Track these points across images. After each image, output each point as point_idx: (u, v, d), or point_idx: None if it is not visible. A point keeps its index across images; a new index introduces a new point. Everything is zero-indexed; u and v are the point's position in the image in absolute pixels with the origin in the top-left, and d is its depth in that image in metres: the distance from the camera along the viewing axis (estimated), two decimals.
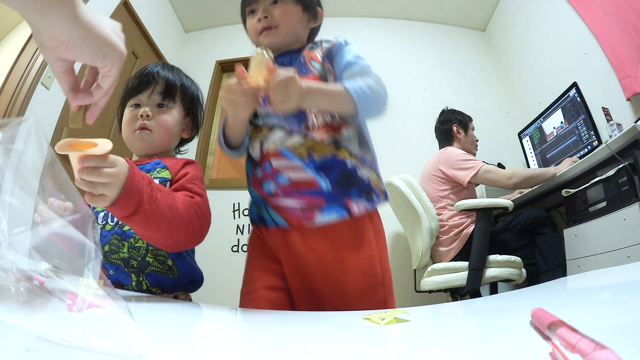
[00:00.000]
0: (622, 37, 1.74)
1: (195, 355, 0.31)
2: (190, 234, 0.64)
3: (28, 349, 0.23)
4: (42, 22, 0.33)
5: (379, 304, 0.74)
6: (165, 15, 2.89)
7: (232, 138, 0.80)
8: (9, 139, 0.32)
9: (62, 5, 0.33)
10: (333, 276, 0.74)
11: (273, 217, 0.77)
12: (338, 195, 0.74)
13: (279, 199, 0.76)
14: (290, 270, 0.77)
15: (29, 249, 0.31)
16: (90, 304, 0.29)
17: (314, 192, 0.74)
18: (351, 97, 0.71)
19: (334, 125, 0.78)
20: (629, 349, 0.22)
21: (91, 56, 0.39)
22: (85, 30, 0.36)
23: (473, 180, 1.74)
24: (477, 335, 0.40)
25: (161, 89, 0.82)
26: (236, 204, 2.50)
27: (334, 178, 0.75)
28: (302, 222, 0.74)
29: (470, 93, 2.78)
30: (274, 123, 0.79)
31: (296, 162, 0.75)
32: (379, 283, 0.76)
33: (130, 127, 0.80)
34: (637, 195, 1.18)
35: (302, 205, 0.74)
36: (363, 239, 0.76)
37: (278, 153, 0.76)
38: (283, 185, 0.75)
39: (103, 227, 0.72)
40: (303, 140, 0.76)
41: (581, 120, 1.88)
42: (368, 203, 0.77)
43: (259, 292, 0.77)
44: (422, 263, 1.74)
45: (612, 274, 0.63)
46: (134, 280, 0.71)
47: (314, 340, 0.41)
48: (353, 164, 0.77)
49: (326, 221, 0.74)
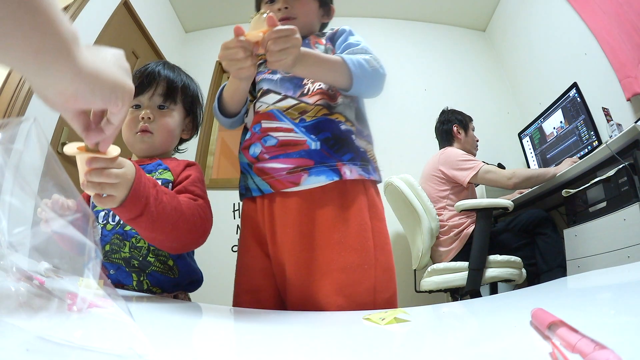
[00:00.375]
0: (622, 37, 1.74)
1: (195, 355, 0.31)
2: (194, 235, 0.66)
3: (28, 349, 0.23)
4: (44, 81, 0.31)
5: (369, 292, 0.66)
6: (165, 15, 2.89)
7: (228, 104, 0.79)
8: (9, 139, 0.32)
9: (62, 59, 0.29)
10: (315, 248, 0.68)
11: (257, 184, 0.74)
12: (329, 157, 0.71)
13: (264, 163, 0.73)
14: (272, 243, 0.73)
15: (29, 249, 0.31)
16: (90, 304, 0.29)
17: (302, 153, 0.71)
18: (347, 67, 0.69)
19: (329, 93, 0.76)
20: (629, 349, 0.22)
21: (102, 102, 0.36)
22: (91, 80, 0.33)
23: (473, 181, 1.74)
24: (477, 335, 0.40)
25: (162, 90, 0.82)
26: (236, 204, 2.50)
27: (325, 138, 0.71)
28: (287, 185, 0.70)
29: (470, 93, 2.77)
30: (269, 88, 0.78)
31: (286, 122, 0.73)
32: (370, 263, 0.67)
33: (131, 129, 0.80)
34: (637, 196, 1.18)
35: (289, 167, 0.70)
36: (352, 208, 0.70)
37: (268, 114, 0.75)
38: (270, 146, 0.73)
39: (104, 227, 0.72)
40: (296, 103, 0.75)
41: (581, 121, 1.88)
42: (363, 171, 0.72)
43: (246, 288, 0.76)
44: (422, 263, 1.74)
45: (612, 274, 0.63)
46: (134, 279, 0.71)
47: (313, 340, 0.41)
48: (348, 128, 0.74)
49: (313, 184, 0.69)
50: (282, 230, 0.71)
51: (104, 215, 0.74)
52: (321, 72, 0.70)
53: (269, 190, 0.72)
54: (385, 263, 0.70)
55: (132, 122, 0.80)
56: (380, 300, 0.66)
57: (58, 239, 0.33)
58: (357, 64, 0.71)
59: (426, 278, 1.68)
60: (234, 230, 2.47)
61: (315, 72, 0.70)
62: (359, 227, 0.69)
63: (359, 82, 0.71)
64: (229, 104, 0.80)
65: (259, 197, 0.76)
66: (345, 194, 0.71)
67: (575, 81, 1.93)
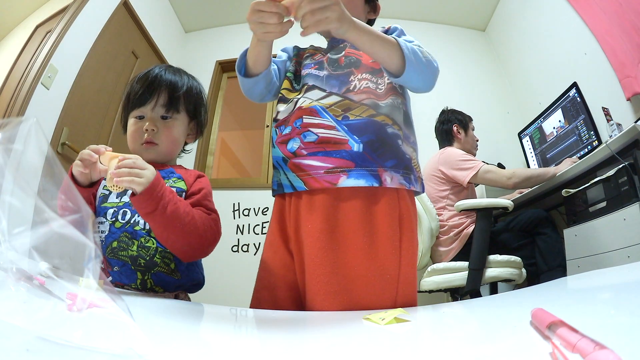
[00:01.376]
0: (622, 37, 1.74)
1: (195, 355, 0.31)
2: (204, 244, 0.71)
3: (28, 349, 0.23)
4: None
5: (388, 304, 0.63)
6: (165, 15, 2.89)
7: (251, 63, 0.76)
8: (9, 139, 0.32)
9: None
10: (338, 250, 0.64)
11: (291, 180, 0.71)
12: (371, 161, 0.67)
13: (301, 159, 0.70)
14: (295, 238, 0.70)
15: (29, 249, 0.31)
16: (90, 304, 0.29)
17: (343, 154, 0.67)
18: (401, 49, 0.65)
19: (377, 92, 0.73)
20: (629, 349, 0.22)
21: None
22: None
23: (473, 181, 1.74)
24: (477, 335, 0.40)
25: (164, 101, 0.81)
26: (236, 204, 2.50)
27: (369, 140, 0.68)
28: (324, 184, 0.66)
29: (470, 93, 2.78)
30: (314, 84, 0.76)
31: (328, 119, 0.70)
32: (393, 275, 0.64)
33: (136, 140, 0.81)
34: (637, 195, 1.18)
35: (328, 167, 0.67)
36: (382, 215, 0.65)
37: (311, 110, 0.72)
38: (309, 142, 0.69)
39: (112, 224, 0.73)
40: (340, 100, 0.71)
41: (581, 120, 1.88)
42: (404, 179, 0.68)
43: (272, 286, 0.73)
44: (422, 263, 1.74)
45: (612, 274, 0.63)
46: (139, 278, 0.72)
47: (313, 340, 0.41)
48: (394, 131, 0.71)
49: (350, 186, 0.66)
50: (306, 224, 0.68)
51: (113, 212, 0.75)
52: (374, 44, 0.65)
53: (303, 187, 0.69)
54: (409, 276, 0.66)
55: (137, 133, 0.81)
56: None
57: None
58: (412, 50, 0.67)
59: (426, 278, 1.68)
60: (234, 230, 2.48)
61: (367, 41, 0.64)
62: (387, 236, 0.65)
63: (412, 68, 0.66)
64: (251, 67, 0.77)
65: (289, 193, 0.73)
66: (376, 198, 0.67)
67: (575, 81, 1.93)
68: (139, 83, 0.82)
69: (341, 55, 0.79)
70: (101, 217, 0.74)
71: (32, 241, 0.32)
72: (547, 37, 2.36)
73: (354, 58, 0.78)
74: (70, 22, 1.84)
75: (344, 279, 0.63)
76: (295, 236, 0.71)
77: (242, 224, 2.45)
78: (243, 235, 2.42)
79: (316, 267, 0.65)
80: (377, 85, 0.74)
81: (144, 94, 0.80)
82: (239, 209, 2.50)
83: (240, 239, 2.41)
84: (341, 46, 0.81)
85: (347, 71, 0.76)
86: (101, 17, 2.08)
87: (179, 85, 0.84)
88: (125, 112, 0.85)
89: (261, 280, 0.77)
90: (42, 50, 1.72)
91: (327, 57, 0.80)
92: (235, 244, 2.40)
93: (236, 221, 2.47)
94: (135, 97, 0.81)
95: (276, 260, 0.74)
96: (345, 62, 0.78)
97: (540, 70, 2.45)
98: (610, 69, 1.83)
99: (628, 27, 1.71)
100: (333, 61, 0.79)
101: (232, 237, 2.42)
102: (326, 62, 0.80)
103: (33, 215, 0.33)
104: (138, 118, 0.82)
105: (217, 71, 2.96)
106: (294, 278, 0.71)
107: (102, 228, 0.73)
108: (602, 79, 1.88)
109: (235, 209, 2.49)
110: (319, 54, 0.85)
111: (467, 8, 2.93)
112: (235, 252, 2.38)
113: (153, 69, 0.84)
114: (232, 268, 2.25)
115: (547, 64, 2.37)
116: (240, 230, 2.44)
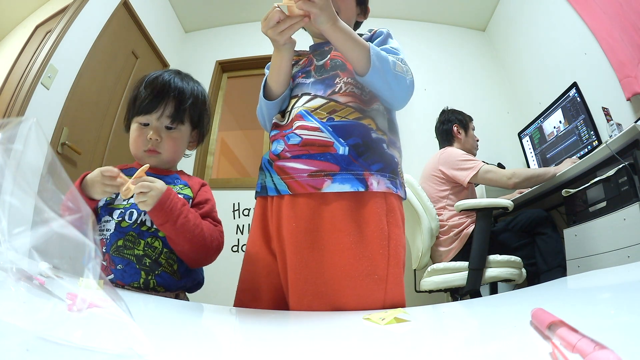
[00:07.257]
0: (622, 37, 1.74)
1: (195, 355, 0.31)
2: (210, 253, 0.76)
3: (28, 349, 0.23)
4: None
5: (376, 304, 0.61)
6: (165, 15, 2.89)
7: (274, 83, 0.78)
8: (9, 139, 0.32)
9: None
10: (323, 249, 0.63)
11: (276, 183, 0.71)
12: (356, 164, 0.66)
13: (285, 161, 0.70)
14: (277, 237, 0.70)
15: (29, 249, 0.31)
16: (90, 304, 0.29)
17: (328, 157, 0.67)
18: (369, 54, 0.67)
19: (363, 98, 0.73)
20: (629, 349, 0.22)
21: None
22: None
23: (473, 181, 1.74)
24: (477, 335, 0.40)
25: (170, 112, 0.81)
26: (236, 204, 2.51)
27: (355, 143, 0.67)
28: (307, 189, 0.66)
29: (470, 93, 2.77)
30: (302, 92, 0.77)
31: (312, 121, 0.70)
32: (381, 274, 0.62)
33: (139, 146, 0.82)
34: (637, 195, 1.18)
35: (311, 170, 0.66)
36: (369, 213, 0.64)
37: (298, 115, 0.73)
38: (293, 144, 0.69)
39: (118, 223, 0.75)
40: (325, 102, 0.72)
41: (581, 120, 1.88)
42: (391, 183, 0.68)
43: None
44: (422, 263, 1.74)
45: (612, 274, 0.63)
46: (142, 277, 0.73)
47: (313, 340, 0.41)
48: (379, 136, 0.71)
49: (335, 191, 0.65)
50: (289, 222, 0.67)
51: (120, 213, 0.76)
52: (347, 43, 0.68)
53: (287, 191, 0.68)
54: (398, 277, 0.65)
55: (140, 139, 0.81)
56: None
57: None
58: (382, 58, 0.68)
59: (426, 278, 1.68)
60: (234, 230, 2.48)
61: (341, 38, 0.68)
62: (374, 235, 0.64)
63: (376, 74, 0.67)
64: (274, 82, 0.78)
65: (272, 196, 0.73)
66: (363, 201, 0.66)
67: (575, 81, 1.93)
68: (147, 89, 0.81)
69: (327, 60, 0.80)
70: (107, 216, 0.75)
71: (32, 241, 0.31)
72: (547, 37, 2.36)
73: (339, 61, 0.78)
74: (70, 22, 1.84)
75: (330, 279, 0.62)
76: (277, 235, 0.70)
77: (242, 224, 2.45)
78: (243, 235, 2.42)
79: (302, 268, 0.64)
80: (362, 91, 0.75)
81: (151, 101, 0.80)
82: (239, 209, 2.50)
83: (240, 239, 2.41)
84: (326, 49, 0.82)
85: (333, 74, 0.77)
86: (101, 17, 2.08)
87: (186, 95, 0.83)
88: (130, 114, 0.85)
89: (243, 283, 0.76)
90: (42, 50, 1.72)
91: (315, 66, 0.81)
92: (235, 244, 2.40)
93: (236, 221, 2.47)
94: (142, 103, 0.81)
95: (259, 263, 0.74)
96: (330, 65, 0.79)
97: (540, 70, 2.45)
98: (610, 69, 1.83)
99: (628, 27, 1.71)
100: (319, 67, 0.80)
101: (232, 237, 2.42)
102: (313, 70, 0.80)
103: (33, 215, 0.33)
104: (142, 124, 0.82)
105: (217, 71, 2.96)
106: (277, 279, 0.71)
107: (108, 226, 0.74)
108: (602, 79, 1.88)
109: (235, 209, 2.49)
110: (303, 59, 0.86)
111: (467, 8, 2.93)
112: (235, 252, 2.38)
113: (162, 75, 0.84)
114: (232, 268, 2.24)
115: (547, 64, 2.37)
116: (240, 230, 2.44)
